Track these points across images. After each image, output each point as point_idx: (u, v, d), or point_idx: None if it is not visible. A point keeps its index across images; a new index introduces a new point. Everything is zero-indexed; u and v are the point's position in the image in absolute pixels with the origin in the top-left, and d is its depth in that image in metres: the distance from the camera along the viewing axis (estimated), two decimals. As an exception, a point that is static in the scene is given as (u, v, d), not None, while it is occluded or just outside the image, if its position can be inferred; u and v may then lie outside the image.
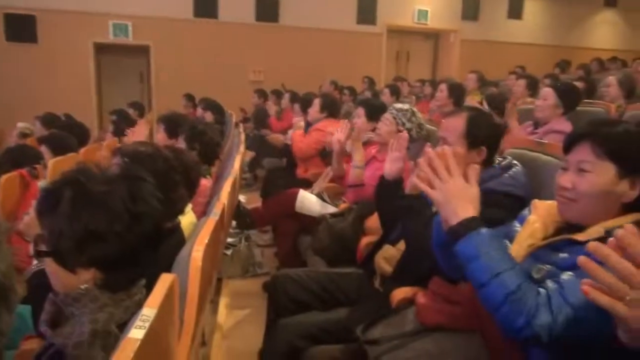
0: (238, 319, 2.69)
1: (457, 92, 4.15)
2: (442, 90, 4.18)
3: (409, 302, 1.38)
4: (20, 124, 5.26)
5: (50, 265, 1.08)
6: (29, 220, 1.46)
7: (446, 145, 1.63)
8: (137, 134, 3.54)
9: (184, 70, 8.31)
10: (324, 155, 3.54)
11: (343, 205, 2.63)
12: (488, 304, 1.02)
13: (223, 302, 2.85)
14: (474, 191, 1.11)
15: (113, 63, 8.54)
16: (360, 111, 3.13)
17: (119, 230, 1.04)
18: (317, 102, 3.97)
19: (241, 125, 5.12)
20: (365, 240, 2.11)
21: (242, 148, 3.45)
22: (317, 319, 1.67)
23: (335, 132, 2.91)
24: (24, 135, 5.00)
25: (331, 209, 2.65)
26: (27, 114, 5.61)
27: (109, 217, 1.04)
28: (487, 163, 1.65)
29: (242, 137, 4.03)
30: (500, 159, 1.72)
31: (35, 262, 1.36)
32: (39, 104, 6.33)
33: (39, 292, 1.11)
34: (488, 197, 1.23)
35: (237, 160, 2.86)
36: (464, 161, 1.13)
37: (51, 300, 1.08)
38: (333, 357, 1.41)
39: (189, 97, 7.09)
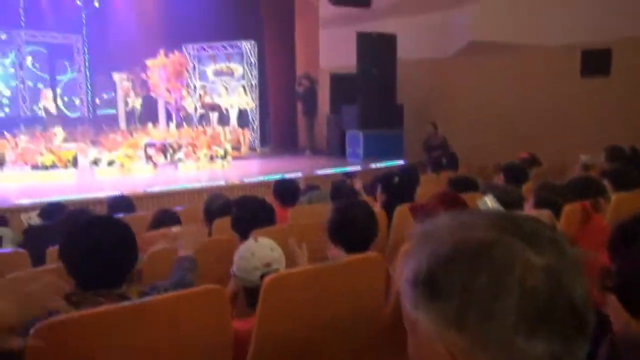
0: None
1: None
2: None
3: None
4: (583, 156, 5.45)
5: (613, 302, 1.06)
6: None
7: None
8: None
9: None
10: None
11: None
12: None
13: None
14: None
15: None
16: None
17: None
18: None
19: None
20: None
21: None
22: None
23: None
24: (587, 167, 5.15)
25: None
26: (596, 146, 5.71)
27: None
28: None
29: None
30: None
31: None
32: (606, 137, 6.32)
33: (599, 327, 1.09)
34: None
35: None
36: None
37: (609, 340, 1.05)
38: None
39: None
